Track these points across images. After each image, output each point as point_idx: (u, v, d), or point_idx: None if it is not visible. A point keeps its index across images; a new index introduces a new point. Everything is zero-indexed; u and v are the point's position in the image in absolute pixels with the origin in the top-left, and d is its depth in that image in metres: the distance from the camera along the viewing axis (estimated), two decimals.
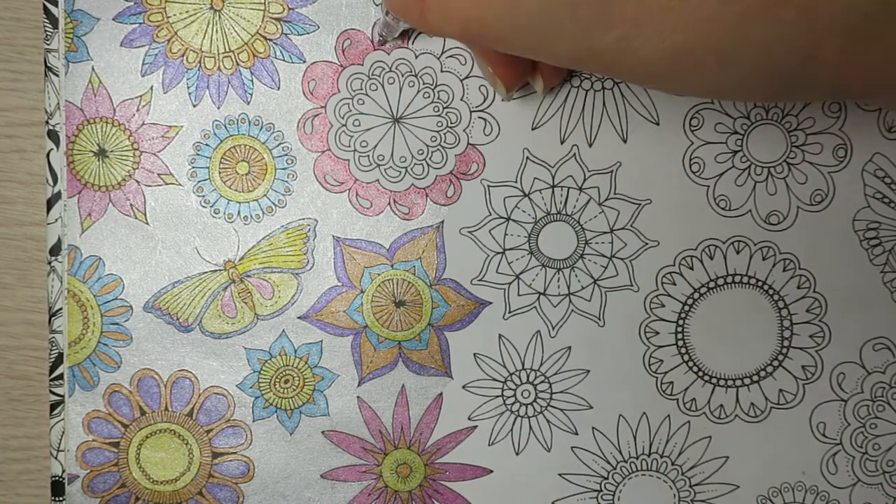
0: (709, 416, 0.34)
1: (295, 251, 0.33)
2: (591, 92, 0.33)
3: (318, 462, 0.33)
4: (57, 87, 0.32)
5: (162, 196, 0.32)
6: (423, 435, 0.34)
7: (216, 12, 0.32)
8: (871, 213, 0.33)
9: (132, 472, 0.33)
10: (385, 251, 0.33)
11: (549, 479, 0.34)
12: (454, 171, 0.33)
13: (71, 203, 0.32)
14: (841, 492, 0.35)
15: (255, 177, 0.32)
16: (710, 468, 0.34)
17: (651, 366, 0.34)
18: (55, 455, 0.33)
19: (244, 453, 0.33)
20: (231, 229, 0.33)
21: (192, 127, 0.32)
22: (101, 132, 0.32)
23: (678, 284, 0.33)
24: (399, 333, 0.33)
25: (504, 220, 0.33)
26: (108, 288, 0.32)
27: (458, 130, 0.32)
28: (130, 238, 0.32)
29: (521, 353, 0.33)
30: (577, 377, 0.34)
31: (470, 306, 0.33)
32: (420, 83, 0.32)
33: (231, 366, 0.33)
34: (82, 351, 0.33)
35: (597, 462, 0.34)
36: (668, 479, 0.34)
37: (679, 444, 0.34)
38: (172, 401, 0.33)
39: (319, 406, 0.33)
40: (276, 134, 0.32)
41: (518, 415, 0.34)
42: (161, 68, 0.32)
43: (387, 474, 0.34)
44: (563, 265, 0.33)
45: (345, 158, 0.33)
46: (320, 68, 0.32)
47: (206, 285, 0.33)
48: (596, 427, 0.34)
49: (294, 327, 0.33)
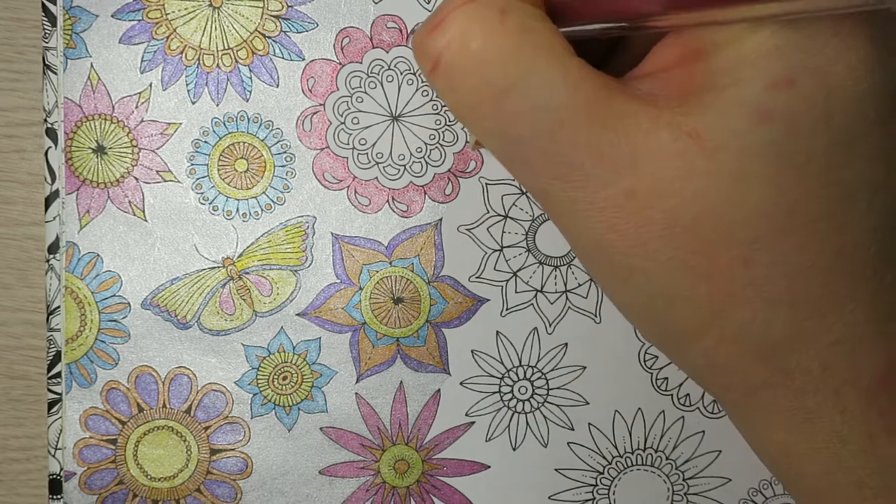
0: (702, 412, 0.34)
1: (293, 248, 0.33)
2: None
3: (317, 458, 0.34)
4: (55, 84, 0.32)
5: (160, 193, 0.32)
6: (420, 431, 0.34)
7: (215, 9, 0.32)
8: None
9: (130, 469, 0.33)
10: (383, 248, 0.33)
11: (545, 474, 0.34)
12: (452, 168, 0.33)
13: (69, 200, 0.32)
14: None
15: (253, 174, 0.33)
16: (704, 462, 0.35)
17: (646, 362, 0.34)
18: (53, 453, 0.33)
19: (242, 450, 0.34)
20: (230, 226, 0.33)
21: (190, 124, 0.32)
22: (100, 129, 0.32)
23: None
24: (397, 330, 0.33)
25: (502, 218, 0.33)
26: (106, 285, 0.32)
27: (456, 128, 0.33)
28: (129, 235, 0.32)
29: (518, 349, 0.34)
30: (574, 373, 0.34)
31: (468, 303, 0.33)
32: (419, 81, 0.32)
33: (229, 363, 0.33)
34: (80, 348, 0.33)
35: (592, 457, 0.34)
36: (662, 474, 0.35)
37: (673, 438, 0.34)
38: (170, 398, 0.33)
39: (318, 403, 0.33)
40: (274, 131, 0.32)
41: (515, 411, 0.34)
42: (160, 65, 0.32)
43: (385, 470, 0.34)
44: (559, 262, 0.33)
45: (343, 156, 0.33)
46: (319, 66, 0.32)
47: (204, 282, 0.33)
48: (592, 422, 0.34)
49: (292, 324, 0.33)
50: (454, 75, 0.20)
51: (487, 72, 0.19)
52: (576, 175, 0.19)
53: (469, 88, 0.20)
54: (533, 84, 0.19)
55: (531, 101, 0.19)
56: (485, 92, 0.19)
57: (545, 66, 0.19)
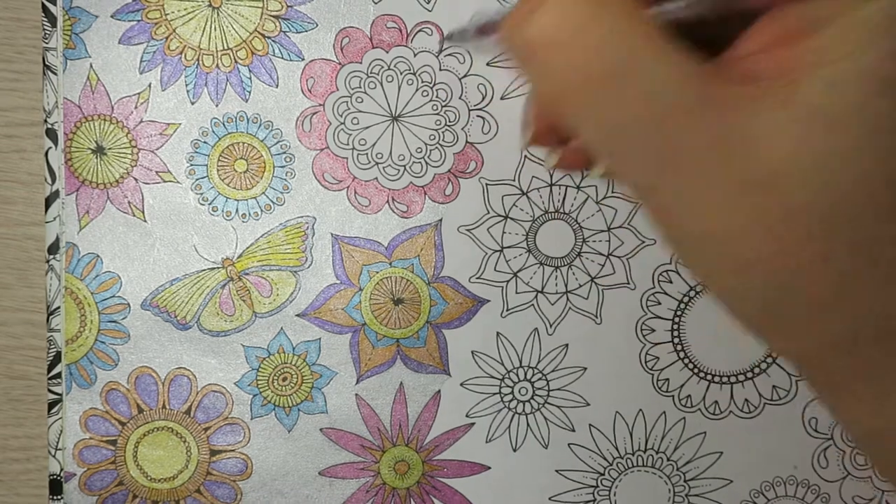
0: (704, 413, 0.34)
1: (293, 249, 0.33)
2: None
3: (317, 459, 0.34)
4: (55, 85, 0.32)
5: (160, 193, 0.32)
6: (421, 432, 0.34)
7: (215, 10, 0.32)
8: None
9: (130, 470, 0.33)
10: (383, 249, 0.33)
11: (546, 476, 0.34)
12: (453, 169, 0.33)
13: (69, 200, 0.32)
14: (831, 485, 0.35)
15: (253, 174, 0.32)
16: (705, 463, 0.35)
17: (647, 363, 0.34)
18: (53, 454, 0.33)
19: (242, 451, 0.33)
20: (229, 227, 0.33)
21: (190, 124, 0.32)
22: (100, 129, 0.32)
23: (674, 282, 0.34)
24: (397, 331, 0.33)
25: (502, 219, 0.33)
26: (105, 285, 0.32)
27: (456, 129, 0.33)
28: (128, 235, 0.32)
29: (518, 350, 0.34)
30: (574, 374, 0.34)
31: (468, 304, 0.33)
32: (419, 81, 0.32)
33: (229, 363, 0.33)
34: (80, 349, 0.33)
35: (593, 458, 0.34)
36: (663, 475, 0.35)
37: (674, 440, 0.34)
38: (170, 398, 0.33)
39: (318, 403, 0.33)
40: (274, 132, 0.32)
41: (515, 412, 0.34)
42: (159, 65, 0.32)
43: (385, 471, 0.34)
44: (560, 263, 0.33)
45: (343, 156, 0.33)
46: (319, 66, 0.32)
47: (204, 283, 0.33)
48: (593, 424, 0.34)
49: (292, 325, 0.33)
50: (553, 61, 0.19)
51: (588, 57, 0.19)
52: (687, 163, 0.19)
53: (568, 75, 0.19)
54: (637, 70, 0.18)
55: (635, 87, 0.19)
56: (585, 78, 0.19)
57: (648, 51, 0.18)
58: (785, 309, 0.19)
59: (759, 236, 0.18)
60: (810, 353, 0.20)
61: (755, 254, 0.19)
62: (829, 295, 0.19)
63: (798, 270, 0.18)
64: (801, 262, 0.18)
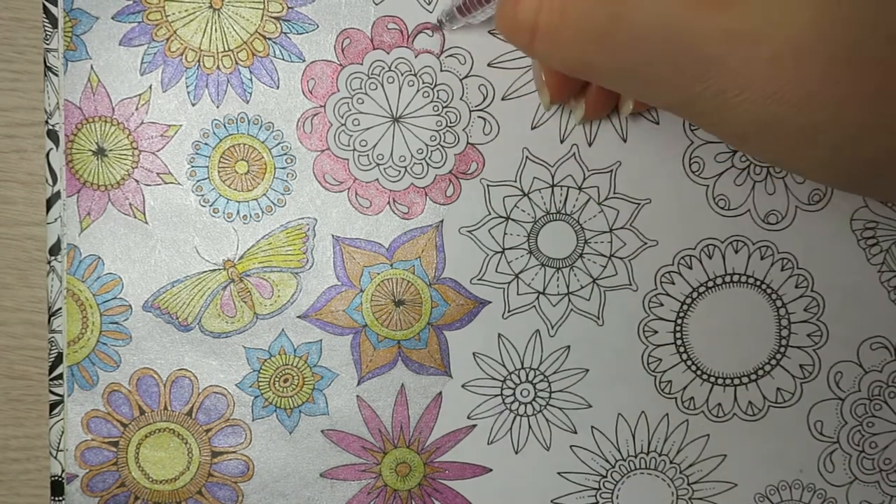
0: (707, 415, 0.34)
1: (294, 250, 0.33)
2: None
3: (318, 461, 0.34)
4: (56, 86, 0.32)
5: (161, 195, 0.32)
6: (422, 434, 0.34)
7: (215, 11, 0.32)
8: (868, 212, 0.33)
9: (131, 472, 0.33)
10: (384, 250, 0.33)
11: (548, 478, 0.34)
12: (454, 170, 0.33)
13: (70, 202, 0.32)
14: (838, 490, 0.35)
15: (254, 176, 0.32)
16: (708, 466, 0.34)
17: (650, 365, 0.34)
18: (55, 455, 0.33)
19: (243, 452, 0.33)
20: (230, 228, 0.33)
21: (191, 126, 0.32)
22: (100, 131, 0.32)
23: (677, 284, 0.33)
24: (398, 332, 0.33)
25: (503, 220, 0.33)
26: (107, 287, 0.32)
27: (457, 130, 0.32)
28: (129, 237, 0.32)
29: (520, 352, 0.33)
30: (576, 376, 0.34)
31: (469, 305, 0.33)
32: (419, 82, 0.32)
33: (230, 365, 0.33)
34: (81, 350, 0.33)
35: (595, 461, 0.34)
36: (666, 478, 0.34)
37: (677, 442, 0.34)
38: (172, 400, 0.33)
39: (319, 405, 0.33)
40: (275, 133, 0.32)
41: (517, 414, 0.34)
42: (160, 67, 0.32)
43: (386, 473, 0.34)
44: (562, 264, 0.33)
45: (344, 158, 0.32)
46: (319, 67, 0.32)
47: (205, 284, 0.33)
48: (595, 426, 0.34)
49: (293, 326, 0.33)
50: (559, 33, 0.21)
51: (590, 16, 0.20)
52: (716, 68, 0.20)
53: (578, 39, 0.21)
54: (637, 6, 0.20)
55: (644, 21, 0.20)
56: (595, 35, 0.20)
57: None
58: (865, 158, 0.21)
59: (813, 101, 0.20)
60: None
61: (815, 117, 0.20)
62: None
63: (863, 117, 0.20)
64: (862, 109, 0.20)
